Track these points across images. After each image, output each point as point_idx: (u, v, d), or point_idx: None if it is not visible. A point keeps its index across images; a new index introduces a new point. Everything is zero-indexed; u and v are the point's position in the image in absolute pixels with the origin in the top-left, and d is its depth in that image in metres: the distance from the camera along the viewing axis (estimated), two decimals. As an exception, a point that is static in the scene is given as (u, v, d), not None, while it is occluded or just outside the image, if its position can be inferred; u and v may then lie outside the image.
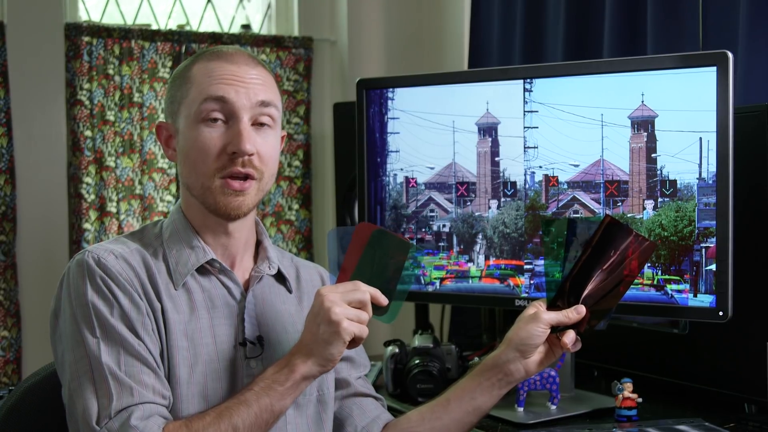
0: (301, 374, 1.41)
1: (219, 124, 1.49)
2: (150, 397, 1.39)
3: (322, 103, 3.54)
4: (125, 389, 1.37)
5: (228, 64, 1.51)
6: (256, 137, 1.50)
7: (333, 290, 1.41)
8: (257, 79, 1.51)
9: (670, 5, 2.42)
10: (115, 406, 1.36)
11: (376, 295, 1.43)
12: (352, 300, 1.40)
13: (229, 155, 1.48)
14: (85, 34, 3.13)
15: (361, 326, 1.40)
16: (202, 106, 1.48)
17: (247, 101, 1.49)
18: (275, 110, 1.53)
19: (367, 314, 1.42)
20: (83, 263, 1.45)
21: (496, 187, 1.97)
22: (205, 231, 1.54)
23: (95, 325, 1.41)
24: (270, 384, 1.41)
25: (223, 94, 1.48)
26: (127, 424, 1.34)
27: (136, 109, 3.20)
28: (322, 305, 1.39)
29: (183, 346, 1.46)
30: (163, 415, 1.40)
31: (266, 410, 1.39)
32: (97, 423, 1.36)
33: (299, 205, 3.50)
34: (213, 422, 1.38)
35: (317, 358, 1.40)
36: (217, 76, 1.49)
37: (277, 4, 3.59)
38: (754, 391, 1.84)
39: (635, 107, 1.81)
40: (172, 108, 1.54)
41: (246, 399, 1.40)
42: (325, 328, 1.38)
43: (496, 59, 3.07)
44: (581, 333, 1.55)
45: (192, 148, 1.50)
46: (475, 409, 1.58)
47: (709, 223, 1.75)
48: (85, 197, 3.12)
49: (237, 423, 1.38)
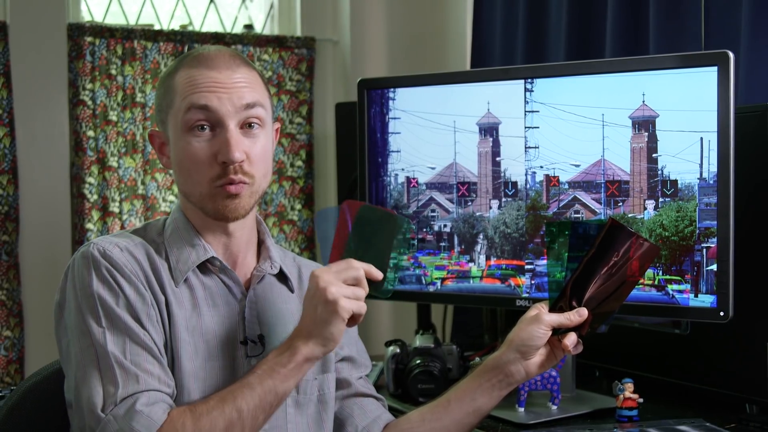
0: (304, 356, 1.40)
1: (206, 132, 1.48)
2: (155, 385, 1.39)
3: (325, 103, 3.53)
4: (131, 377, 1.38)
5: (209, 70, 1.48)
6: (244, 141, 1.49)
7: (327, 270, 1.41)
8: (240, 81, 1.49)
9: (672, 5, 2.41)
10: (121, 393, 1.36)
11: (370, 270, 1.43)
12: (346, 278, 1.40)
13: (221, 164, 1.47)
14: (88, 35, 3.13)
15: (359, 303, 1.40)
16: (187, 116, 1.47)
17: (232, 107, 1.48)
18: (262, 110, 1.51)
19: (364, 290, 1.42)
20: (88, 255, 1.46)
21: (497, 187, 1.97)
22: (205, 231, 1.55)
23: (101, 315, 1.41)
24: (272, 366, 1.40)
25: (206, 103, 1.47)
26: (133, 410, 1.35)
27: (138, 109, 3.20)
28: (318, 286, 1.39)
29: (185, 340, 1.46)
30: (168, 402, 1.40)
31: (270, 392, 1.39)
32: (103, 410, 1.36)
33: (302, 205, 3.50)
34: (217, 405, 1.38)
35: (318, 339, 1.40)
36: (199, 84, 1.48)
37: (279, 4, 3.59)
38: (755, 391, 1.84)
39: (636, 107, 1.81)
40: (161, 116, 1.54)
41: (249, 382, 1.40)
42: (322, 308, 1.38)
43: (499, 59, 3.07)
44: (583, 336, 1.55)
45: (184, 158, 1.49)
46: (475, 410, 1.58)
47: (710, 223, 1.75)
48: (87, 197, 3.12)
49: (241, 405, 1.37)
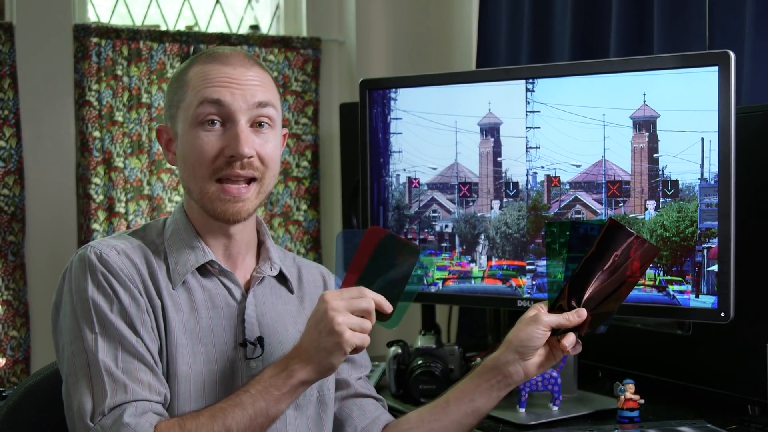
0: (299, 380, 1.39)
1: (217, 127, 1.48)
2: (144, 395, 1.39)
3: (330, 104, 3.53)
4: (119, 386, 1.38)
5: (224, 66, 1.50)
6: (255, 139, 1.49)
7: (337, 297, 1.38)
8: (254, 80, 1.50)
9: (677, 6, 2.40)
10: (109, 403, 1.36)
11: (380, 303, 1.40)
12: (356, 308, 1.37)
13: (227, 158, 1.47)
14: (94, 35, 3.14)
15: (363, 336, 1.37)
16: (198, 110, 1.48)
17: (244, 103, 1.48)
18: (273, 110, 1.52)
19: (371, 323, 1.39)
20: (85, 258, 1.47)
21: (498, 187, 1.97)
22: (206, 232, 1.54)
23: (94, 321, 1.41)
24: (267, 387, 1.39)
25: (219, 97, 1.47)
26: (120, 422, 1.35)
27: (144, 109, 3.21)
28: (326, 313, 1.36)
29: (183, 344, 1.46)
30: (158, 412, 1.40)
31: (261, 414, 1.38)
32: (91, 419, 1.36)
33: (307, 206, 3.50)
34: (206, 422, 1.37)
35: (316, 366, 1.38)
36: (212, 79, 1.49)
37: (285, 5, 3.60)
38: (756, 392, 1.83)
39: (637, 107, 1.81)
40: (171, 112, 1.54)
41: (242, 401, 1.38)
42: (326, 337, 1.36)
43: (504, 60, 3.06)
44: (582, 336, 1.55)
45: (190, 152, 1.49)
46: (474, 411, 1.57)
47: (711, 223, 1.74)
48: (93, 198, 3.13)
49: (231, 425, 1.37)
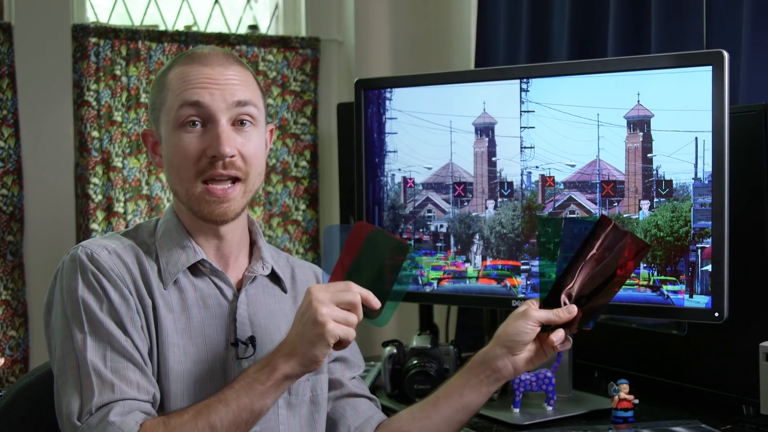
0: (283, 374, 1.38)
1: (198, 128, 1.48)
2: (132, 394, 1.39)
3: (329, 104, 3.53)
4: (107, 386, 1.38)
5: (202, 66, 1.50)
6: (236, 138, 1.49)
7: (323, 289, 1.38)
8: (233, 78, 1.50)
9: (674, 6, 2.40)
10: (96, 402, 1.37)
11: (368, 297, 1.39)
12: (341, 301, 1.37)
13: (209, 159, 1.47)
14: (93, 35, 3.14)
15: (348, 329, 1.36)
16: (179, 112, 1.48)
17: (224, 103, 1.48)
18: (254, 108, 1.52)
19: (356, 317, 1.38)
20: (76, 258, 1.46)
21: (493, 187, 1.97)
22: (196, 233, 1.54)
23: (84, 320, 1.42)
24: (251, 383, 1.39)
25: (198, 99, 1.48)
26: (106, 421, 1.35)
27: (143, 110, 3.20)
28: (310, 304, 1.36)
29: (174, 343, 1.46)
30: (146, 411, 1.40)
31: (245, 409, 1.38)
32: (78, 419, 1.37)
33: (306, 206, 3.50)
34: (190, 420, 1.37)
35: (300, 358, 1.38)
36: (191, 81, 1.49)
37: (284, 5, 3.60)
38: (751, 392, 1.83)
39: (631, 107, 1.81)
40: (154, 115, 1.55)
41: (225, 397, 1.39)
42: (310, 328, 1.36)
43: (502, 60, 3.07)
44: (572, 333, 1.54)
45: (174, 154, 1.50)
46: (464, 407, 1.57)
47: (704, 223, 1.74)
48: (92, 198, 3.13)
49: (215, 421, 1.37)
